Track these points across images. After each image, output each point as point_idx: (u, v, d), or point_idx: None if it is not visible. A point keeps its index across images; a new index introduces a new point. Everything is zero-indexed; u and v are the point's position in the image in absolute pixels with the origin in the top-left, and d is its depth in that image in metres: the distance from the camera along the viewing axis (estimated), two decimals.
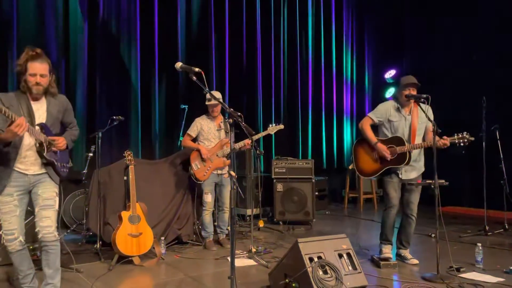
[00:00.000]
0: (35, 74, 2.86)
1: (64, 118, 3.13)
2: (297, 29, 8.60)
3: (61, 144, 2.98)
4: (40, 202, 2.93)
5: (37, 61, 2.87)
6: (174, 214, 4.97)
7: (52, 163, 2.97)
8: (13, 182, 2.87)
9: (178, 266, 4.12)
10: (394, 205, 4.08)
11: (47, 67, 2.91)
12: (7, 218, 2.87)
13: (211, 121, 4.83)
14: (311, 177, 6.25)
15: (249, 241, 4.73)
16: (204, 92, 2.74)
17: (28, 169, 2.91)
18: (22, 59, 2.86)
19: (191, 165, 4.72)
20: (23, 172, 2.90)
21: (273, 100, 8.20)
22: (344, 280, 3.08)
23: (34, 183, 2.95)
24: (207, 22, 7.30)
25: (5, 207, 2.86)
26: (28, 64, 2.85)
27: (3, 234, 2.88)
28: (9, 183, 2.86)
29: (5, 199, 2.86)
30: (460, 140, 3.81)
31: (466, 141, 3.80)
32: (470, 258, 4.06)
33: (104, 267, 4.01)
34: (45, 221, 2.91)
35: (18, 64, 2.88)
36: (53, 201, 2.97)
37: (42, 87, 2.90)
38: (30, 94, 2.91)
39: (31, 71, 2.85)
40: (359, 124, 4.30)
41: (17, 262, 2.97)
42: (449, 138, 3.83)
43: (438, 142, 3.78)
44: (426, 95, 3.85)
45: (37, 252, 4.05)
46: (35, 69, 2.86)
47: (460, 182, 7.65)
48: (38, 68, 2.86)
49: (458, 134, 3.83)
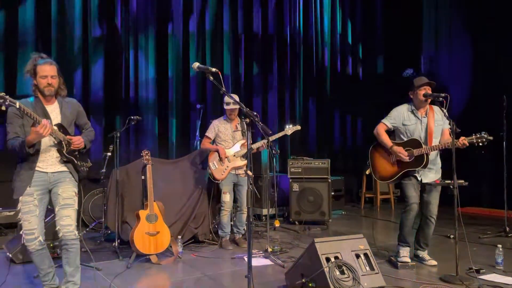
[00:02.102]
0: (46, 75, 2.94)
1: (77, 120, 3.20)
2: (313, 26, 8.55)
3: (78, 143, 3.03)
4: (60, 201, 2.98)
5: (46, 63, 2.95)
6: (191, 213, 5.00)
7: (72, 160, 3.03)
8: (34, 182, 2.93)
9: (195, 265, 4.15)
10: (414, 207, 4.00)
11: (56, 69, 2.99)
12: (27, 218, 2.92)
13: (228, 123, 4.87)
14: (327, 177, 6.22)
15: (265, 240, 4.73)
16: (221, 92, 2.75)
17: (48, 168, 2.98)
18: (30, 65, 2.95)
19: (209, 165, 4.77)
20: (43, 171, 2.96)
21: (288, 100, 8.19)
22: (361, 281, 3.05)
23: (54, 182, 3.00)
24: (221, 21, 7.33)
25: (25, 207, 2.92)
26: (37, 68, 2.93)
27: (24, 234, 2.94)
28: (30, 184, 2.92)
29: (25, 199, 2.91)
30: (478, 140, 3.73)
31: (485, 141, 3.73)
32: (490, 260, 3.98)
33: (122, 265, 4.06)
34: (65, 220, 2.96)
35: (26, 70, 2.96)
36: (73, 200, 3.02)
37: (53, 88, 2.97)
38: (44, 96, 2.98)
39: (42, 73, 2.93)
40: (374, 131, 4.23)
41: (37, 261, 3.02)
42: (467, 138, 3.75)
43: (457, 143, 3.71)
44: (444, 94, 3.77)
45: (57, 250, 4.13)
46: (45, 71, 2.93)
47: (480, 183, 7.52)
48: (48, 70, 2.94)
49: (476, 134, 3.75)
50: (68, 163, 3.03)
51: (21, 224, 2.98)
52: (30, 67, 2.95)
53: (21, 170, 2.93)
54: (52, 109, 3.03)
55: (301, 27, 8.41)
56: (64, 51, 5.98)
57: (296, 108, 8.31)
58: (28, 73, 2.96)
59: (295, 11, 8.33)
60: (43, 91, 2.96)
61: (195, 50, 7.03)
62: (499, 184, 5.50)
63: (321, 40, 8.70)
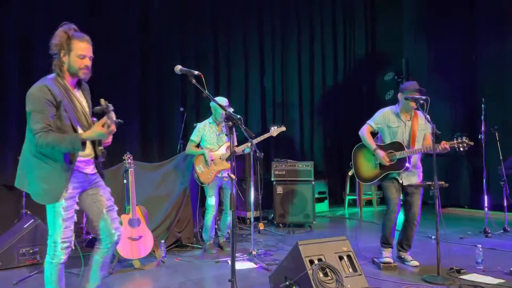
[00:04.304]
0: (85, 55, 2.46)
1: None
2: (296, 28, 8.59)
3: (110, 140, 2.67)
4: (107, 203, 2.73)
5: (84, 40, 2.47)
6: (174, 217, 4.96)
7: (100, 158, 2.72)
8: (75, 184, 2.56)
9: (178, 269, 4.12)
10: (395, 209, 4.06)
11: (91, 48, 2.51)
12: (69, 225, 2.54)
13: (213, 126, 4.85)
14: (311, 179, 6.25)
15: (249, 244, 4.72)
16: (204, 95, 2.74)
17: (87, 168, 2.64)
18: (62, 37, 2.42)
19: (195, 168, 4.75)
20: (83, 171, 2.62)
21: (273, 101, 8.21)
22: (344, 282, 3.07)
23: (91, 184, 2.70)
24: (205, 24, 7.32)
25: (69, 213, 2.54)
26: (72, 43, 2.42)
27: (60, 242, 2.53)
28: (73, 185, 2.54)
29: (68, 203, 2.53)
30: (459, 144, 3.80)
31: (466, 146, 3.80)
32: (471, 260, 4.05)
33: None
34: (116, 222, 2.75)
35: (55, 43, 2.42)
36: (113, 201, 2.79)
37: (89, 71, 2.51)
38: (72, 77, 2.49)
39: (80, 52, 2.43)
40: (359, 132, 4.28)
41: (57, 277, 2.60)
42: (449, 142, 3.82)
43: (438, 147, 3.77)
44: (425, 97, 3.85)
45: (36, 256, 4.08)
46: (84, 49, 2.44)
47: (461, 184, 7.66)
48: (87, 49, 2.46)
49: (458, 138, 3.82)
50: (97, 161, 2.71)
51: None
52: (62, 39, 2.41)
53: (53, 171, 2.46)
54: (77, 96, 2.58)
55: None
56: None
57: (279, 109, 8.33)
58: (58, 46, 2.42)
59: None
60: (76, 73, 2.47)
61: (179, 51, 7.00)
62: (479, 185, 5.61)
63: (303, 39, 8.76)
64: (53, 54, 2.47)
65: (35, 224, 4.24)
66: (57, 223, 2.52)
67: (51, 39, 2.45)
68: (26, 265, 4.11)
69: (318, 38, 8.81)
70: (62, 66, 2.47)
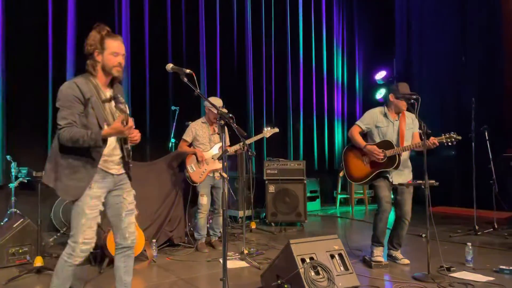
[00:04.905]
0: (118, 53, 2.52)
1: None
2: (288, 31, 8.62)
3: (137, 138, 2.62)
4: (127, 206, 2.72)
5: (117, 38, 2.54)
6: (166, 216, 4.94)
7: (128, 158, 2.70)
8: (101, 183, 2.56)
9: (169, 269, 4.10)
10: (386, 208, 4.08)
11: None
12: (92, 225, 2.52)
13: (206, 125, 4.84)
14: (303, 178, 6.26)
15: (241, 242, 4.72)
16: (195, 93, 2.73)
17: (113, 169, 2.63)
18: (96, 37, 2.50)
19: (187, 168, 4.73)
20: (110, 172, 2.61)
21: (264, 102, 8.21)
22: (336, 281, 3.09)
23: (117, 185, 2.68)
24: (197, 24, 7.29)
25: (93, 212, 2.52)
26: (106, 42, 2.50)
27: (81, 243, 2.49)
28: (98, 184, 2.54)
29: (94, 202, 2.52)
30: (448, 139, 3.84)
31: (454, 140, 3.83)
32: (460, 258, 4.09)
33: (94, 270, 3.97)
34: (132, 227, 2.73)
35: (89, 44, 2.50)
36: (134, 205, 2.78)
37: (122, 69, 2.57)
38: (106, 76, 2.54)
39: (113, 49, 2.50)
40: (348, 133, 4.32)
41: (66, 277, 2.55)
42: (437, 138, 3.86)
43: (427, 143, 3.81)
44: (416, 96, 3.88)
45: (26, 256, 4.04)
46: (117, 47, 2.52)
47: (450, 183, 7.73)
48: (120, 47, 2.53)
49: (446, 134, 3.86)
50: (125, 161, 2.68)
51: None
52: (96, 39, 2.49)
53: (77, 167, 2.47)
54: (107, 96, 2.59)
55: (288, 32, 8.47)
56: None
57: (272, 109, 8.34)
58: (92, 46, 2.50)
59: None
60: (110, 71, 2.52)
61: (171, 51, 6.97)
62: (469, 184, 5.67)
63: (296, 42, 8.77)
64: (88, 54, 2.54)
65: (24, 223, 4.20)
66: (80, 222, 2.50)
67: (85, 40, 2.53)
68: (16, 265, 4.07)
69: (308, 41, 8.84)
70: (96, 65, 2.53)
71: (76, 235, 2.50)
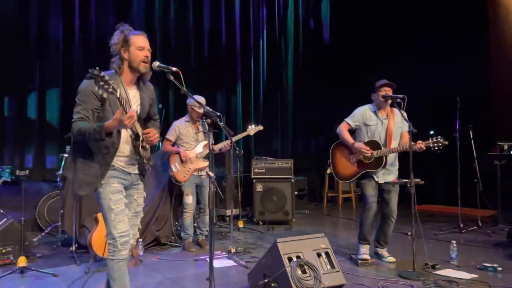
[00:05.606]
0: (143, 47, 2.51)
1: (150, 109, 2.75)
2: (277, 28, 8.62)
3: (154, 138, 2.59)
4: (135, 207, 2.72)
5: (141, 34, 2.55)
6: (152, 216, 4.91)
7: (143, 159, 2.65)
8: (118, 179, 2.56)
9: (156, 268, 4.07)
10: (372, 206, 4.11)
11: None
12: (122, 218, 2.52)
13: (189, 124, 4.81)
14: (290, 177, 6.27)
15: (229, 241, 4.71)
16: (182, 92, 2.71)
17: (128, 167, 2.61)
18: (120, 36, 2.52)
19: (171, 167, 4.70)
20: (126, 170, 2.60)
21: (252, 100, 8.21)
22: (322, 279, 3.10)
23: (133, 184, 2.68)
24: (185, 19, 7.25)
25: (118, 206, 2.52)
26: (130, 38, 2.50)
27: (118, 237, 2.49)
28: (117, 180, 2.55)
29: (116, 197, 2.53)
30: (434, 144, 3.86)
31: (441, 145, 3.87)
32: (445, 255, 4.14)
33: (80, 270, 3.92)
34: (134, 229, 2.73)
35: (115, 43, 2.52)
36: (142, 207, 2.78)
37: (149, 65, 2.55)
38: (133, 73, 2.54)
39: (139, 44, 2.50)
40: (337, 129, 4.31)
41: (121, 274, 2.53)
42: (424, 142, 3.88)
43: (414, 146, 3.84)
44: (402, 95, 3.90)
45: (9, 256, 3.97)
46: (142, 42, 2.51)
47: (435, 181, 7.81)
48: (145, 42, 2.52)
49: (433, 138, 3.89)
50: (139, 164, 2.66)
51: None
52: (121, 38, 2.51)
53: (90, 163, 2.47)
54: (133, 95, 2.59)
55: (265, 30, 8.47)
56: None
57: (260, 107, 8.34)
58: (117, 45, 2.51)
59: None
60: (137, 67, 2.52)
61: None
62: (453, 183, 5.73)
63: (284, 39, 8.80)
64: (114, 53, 2.55)
65: (7, 223, 4.12)
66: (110, 218, 2.52)
67: (110, 40, 2.56)
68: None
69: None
70: (123, 63, 2.54)
71: (111, 231, 2.51)
